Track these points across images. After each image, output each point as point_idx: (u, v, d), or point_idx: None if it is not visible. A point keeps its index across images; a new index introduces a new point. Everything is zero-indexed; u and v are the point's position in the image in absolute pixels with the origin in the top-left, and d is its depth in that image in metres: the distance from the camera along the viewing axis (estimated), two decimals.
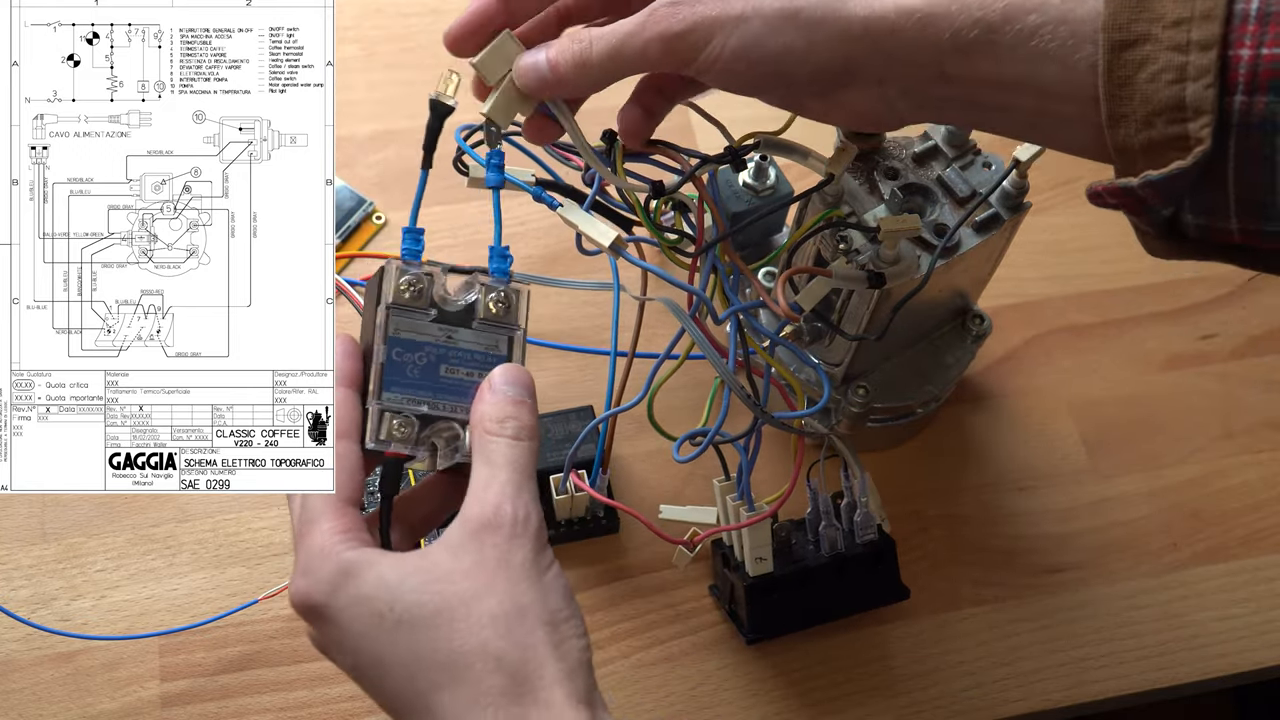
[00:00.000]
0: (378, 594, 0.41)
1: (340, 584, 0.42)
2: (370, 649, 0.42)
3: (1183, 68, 0.38)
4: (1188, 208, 0.40)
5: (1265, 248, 0.41)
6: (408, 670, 0.41)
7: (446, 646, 0.41)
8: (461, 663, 0.40)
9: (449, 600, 0.41)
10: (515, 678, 0.40)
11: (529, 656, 0.41)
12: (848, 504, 0.60)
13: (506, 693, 0.40)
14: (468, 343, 0.47)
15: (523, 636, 0.41)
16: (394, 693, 0.42)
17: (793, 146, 0.56)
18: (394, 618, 0.41)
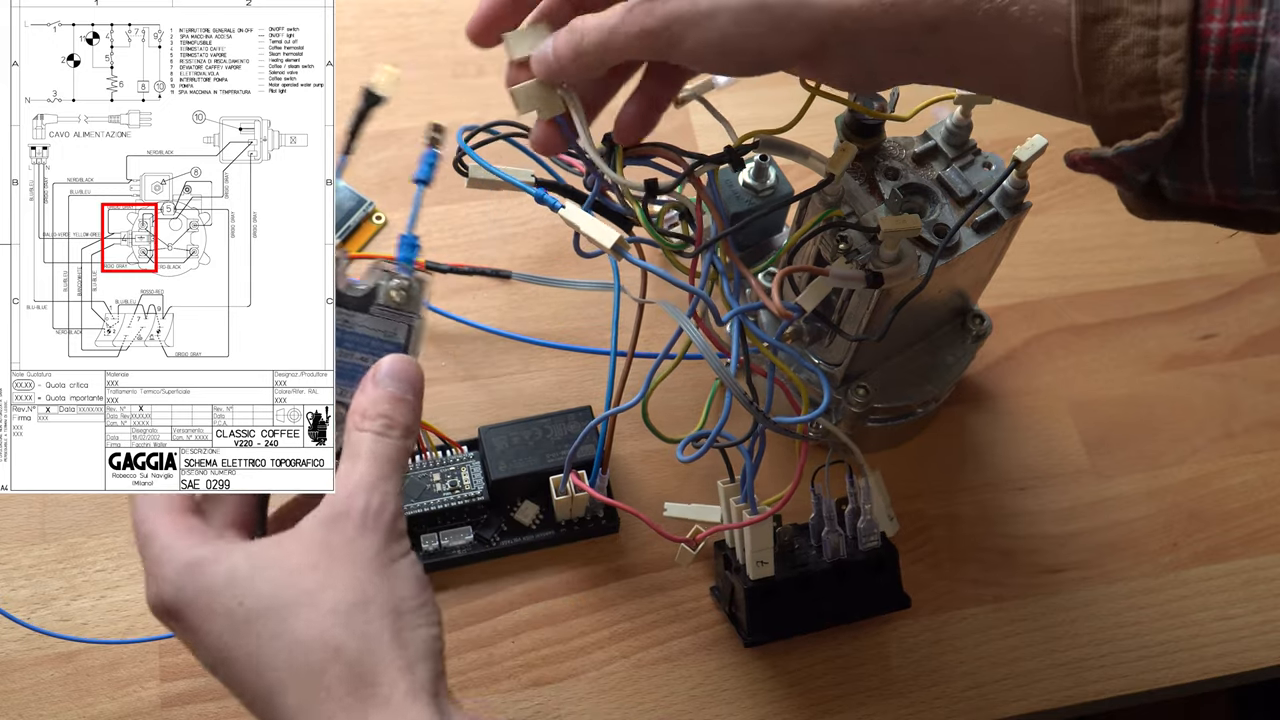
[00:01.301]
0: (228, 589, 0.41)
1: (187, 581, 0.42)
2: (220, 646, 0.41)
3: (1154, 42, 0.39)
4: (1164, 174, 0.41)
5: (1242, 209, 0.42)
6: (255, 666, 0.41)
7: (289, 640, 0.40)
8: (301, 656, 0.40)
9: (295, 592, 0.41)
10: (354, 669, 0.40)
11: (370, 647, 0.40)
12: (851, 510, 0.60)
13: (346, 684, 0.40)
14: (364, 328, 0.47)
15: (363, 626, 0.41)
16: (247, 691, 0.42)
17: (792, 146, 0.56)
18: (243, 613, 0.41)
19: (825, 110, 0.55)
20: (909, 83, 0.47)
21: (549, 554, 0.64)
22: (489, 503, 0.63)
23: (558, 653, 0.62)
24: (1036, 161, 0.56)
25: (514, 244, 0.73)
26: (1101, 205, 0.78)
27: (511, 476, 0.63)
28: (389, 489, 0.43)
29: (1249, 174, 0.40)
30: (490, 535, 0.63)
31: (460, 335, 0.69)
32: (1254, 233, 0.43)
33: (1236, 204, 0.42)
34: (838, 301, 0.59)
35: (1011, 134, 0.63)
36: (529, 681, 0.61)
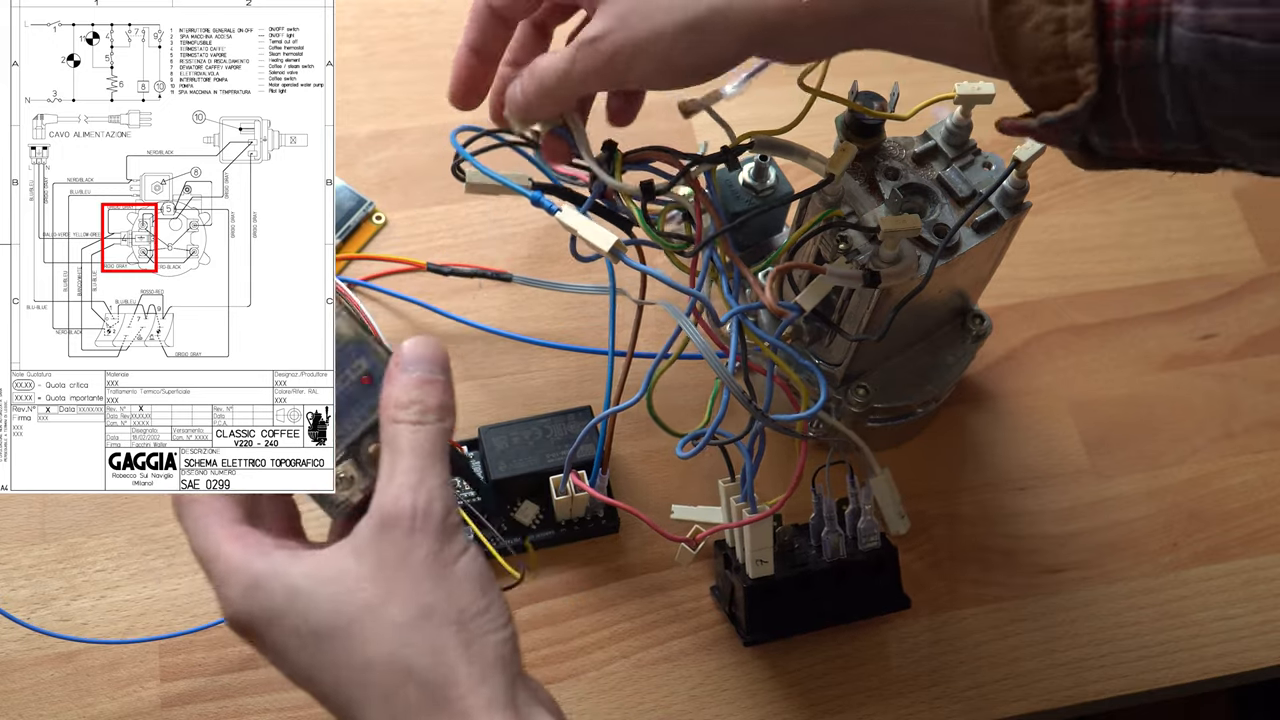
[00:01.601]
0: (291, 608, 0.41)
1: (252, 603, 0.41)
2: (298, 664, 0.41)
3: (1061, 20, 0.41)
4: (1093, 133, 0.43)
5: (1171, 160, 0.44)
6: (333, 684, 0.40)
7: (361, 659, 0.40)
8: (374, 677, 0.40)
9: (357, 610, 0.40)
10: (428, 688, 0.39)
11: (440, 661, 0.40)
12: (852, 510, 0.60)
13: (422, 704, 0.39)
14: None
15: (430, 641, 0.40)
16: (332, 706, 0.41)
17: (791, 147, 0.56)
18: (309, 632, 0.40)
19: (825, 110, 0.55)
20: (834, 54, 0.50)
21: (549, 554, 0.64)
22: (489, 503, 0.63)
23: (558, 653, 0.62)
24: (1036, 161, 0.56)
25: (514, 244, 0.73)
26: (1102, 205, 0.78)
27: (511, 476, 0.63)
28: (434, 483, 0.42)
29: (1170, 130, 0.42)
30: (490, 535, 0.63)
31: (460, 335, 0.69)
32: (1192, 174, 0.45)
33: (1163, 156, 0.43)
34: (838, 301, 0.59)
35: None
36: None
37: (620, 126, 0.54)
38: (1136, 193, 0.79)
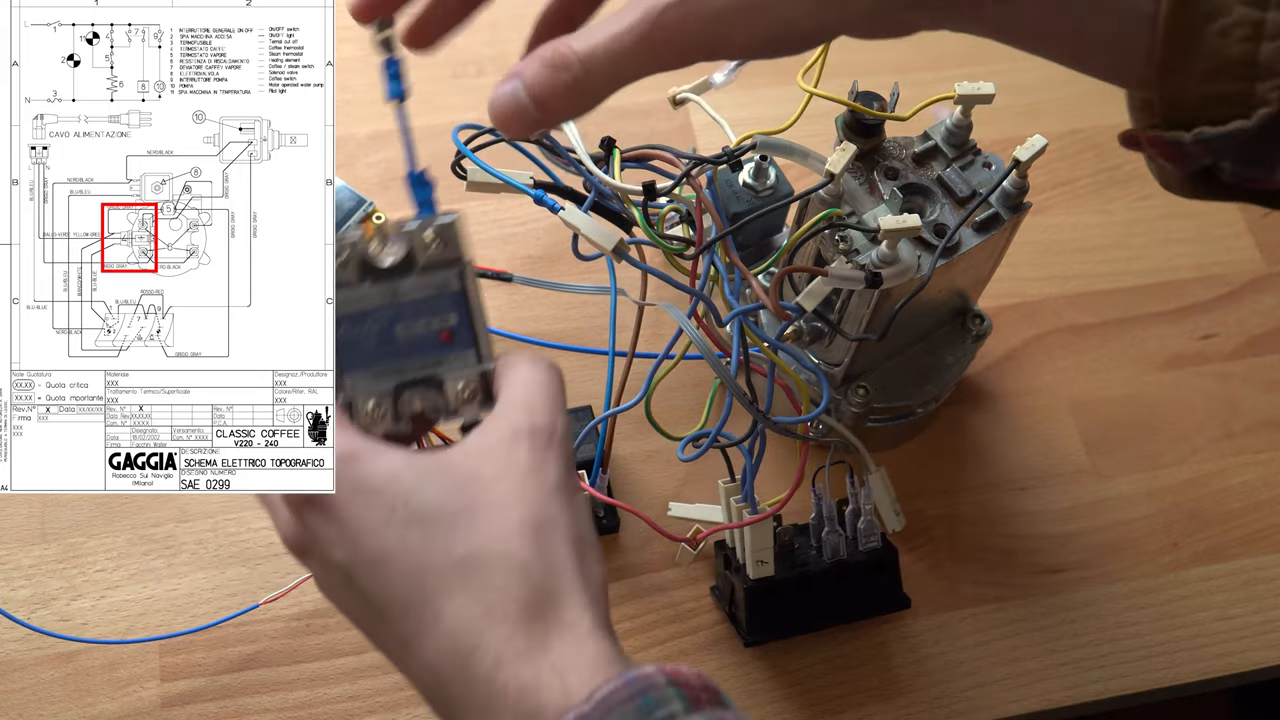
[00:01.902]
0: (389, 487, 0.38)
1: (341, 472, 0.39)
2: (373, 545, 0.38)
3: (1258, 25, 0.37)
4: (1230, 158, 0.39)
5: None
6: (415, 570, 0.38)
7: (465, 549, 0.37)
8: (481, 567, 0.37)
9: (475, 502, 0.38)
10: (539, 591, 0.37)
11: (555, 570, 0.38)
12: (852, 510, 0.60)
13: (528, 607, 0.37)
14: (415, 293, 0.44)
15: (550, 548, 0.38)
16: (390, 597, 0.38)
17: (792, 147, 0.56)
18: (406, 513, 0.38)
19: (825, 110, 0.55)
20: (954, 30, 0.42)
21: None
22: None
23: None
24: (1036, 161, 0.56)
25: (514, 244, 0.73)
26: (1102, 205, 0.78)
27: None
28: (564, 417, 0.41)
29: None
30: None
31: None
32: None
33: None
34: (838, 301, 0.59)
35: (1011, 134, 0.63)
36: None
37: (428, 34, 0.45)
38: (1136, 193, 0.79)
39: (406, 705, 0.60)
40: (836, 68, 0.53)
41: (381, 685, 0.60)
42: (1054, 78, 0.64)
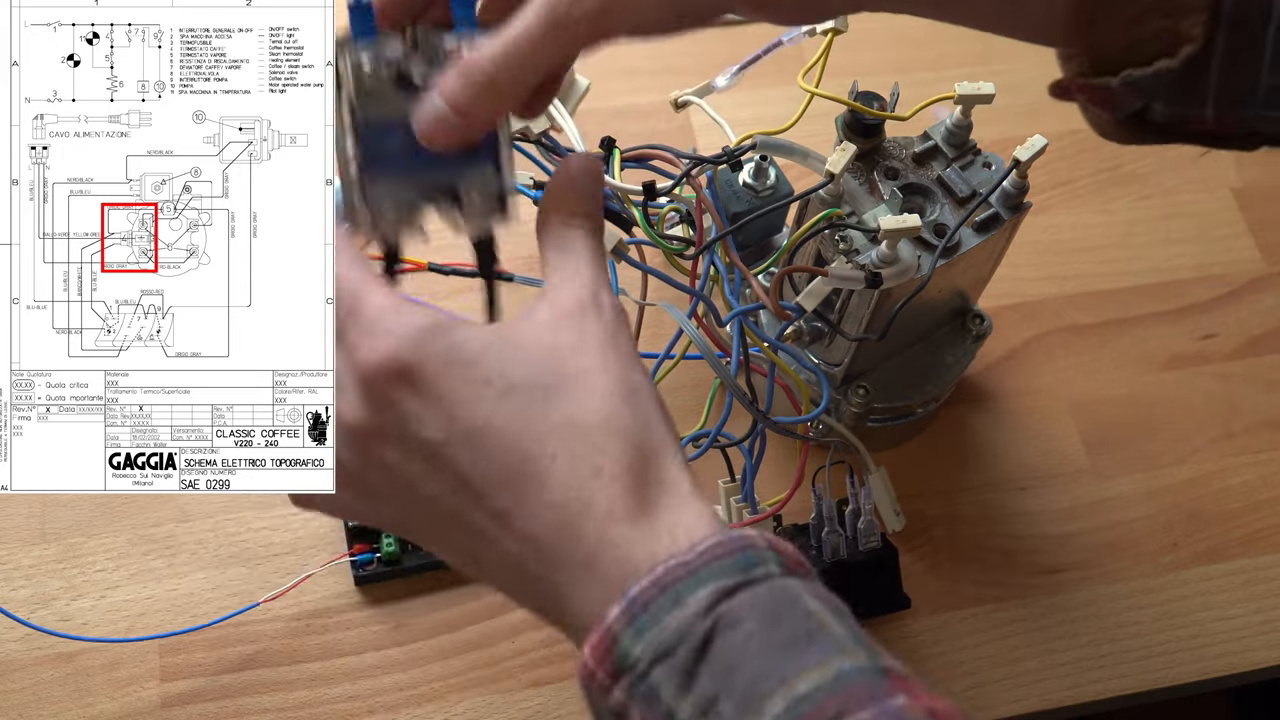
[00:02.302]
0: (482, 359, 0.38)
1: (432, 340, 0.38)
2: (469, 416, 0.37)
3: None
4: (1161, 99, 0.40)
5: (1235, 132, 0.41)
6: (515, 439, 0.37)
7: (564, 416, 0.38)
8: (583, 432, 0.37)
9: (566, 371, 0.38)
10: (641, 453, 0.38)
11: (652, 432, 0.38)
12: (852, 510, 0.60)
13: (632, 467, 0.37)
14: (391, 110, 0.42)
15: (643, 413, 0.38)
16: (489, 470, 0.38)
17: (791, 147, 0.56)
18: (503, 384, 0.38)
19: (825, 110, 0.55)
20: (867, 10, 0.44)
21: None
22: None
23: (558, 653, 0.62)
24: (1036, 161, 0.56)
25: (513, 244, 0.73)
26: (1102, 205, 0.78)
27: None
28: (614, 294, 0.41)
29: (1257, 96, 0.39)
30: None
31: None
32: (1233, 150, 0.43)
33: (1234, 127, 0.41)
34: (838, 301, 0.59)
35: (1011, 134, 0.63)
36: (529, 681, 0.61)
37: (532, 117, 0.47)
38: (1136, 193, 0.79)
39: (406, 705, 0.60)
40: (837, 68, 0.53)
41: (381, 685, 0.60)
42: (1054, 78, 0.64)
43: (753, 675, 0.34)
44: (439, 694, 0.60)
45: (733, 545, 0.36)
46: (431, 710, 0.60)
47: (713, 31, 0.81)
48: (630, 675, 0.36)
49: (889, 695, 0.34)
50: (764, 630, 0.35)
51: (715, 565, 0.36)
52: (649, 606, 0.36)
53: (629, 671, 0.36)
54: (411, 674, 0.61)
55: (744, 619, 0.35)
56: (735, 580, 0.36)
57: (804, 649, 0.35)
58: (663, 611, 0.35)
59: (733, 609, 0.35)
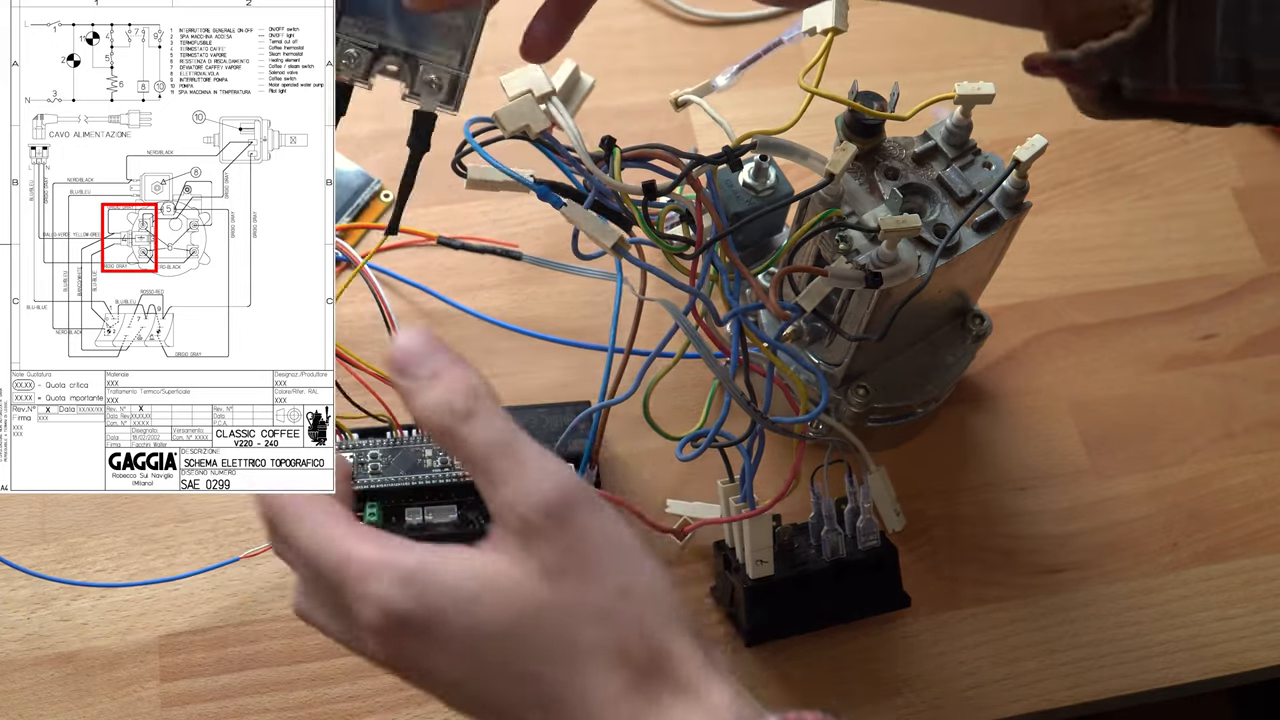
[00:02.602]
0: (457, 608, 0.38)
1: (421, 588, 0.38)
2: (476, 660, 0.38)
3: None
4: (1126, 73, 0.41)
5: (1201, 104, 0.42)
6: (520, 677, 0.38)
7: (563, 650, 0.38)
8: (584, 664, 0.38)
9: (546, 605, 0.38)
10: (645, 664, 0.38)
11: (650, 637, 0.38)
12: (851, 509, 0.60)
13: (640, 682, 0.38)
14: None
15: (637, 619, 0.38)
16: (509, 702, 0.38)
17: (792, 147, 0.56)
18: (485, 631, 0.38)
19: (825, 110, 0.55)
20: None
21: None
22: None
23: None
24: (1036, 161, 0.56)
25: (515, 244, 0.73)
26: (1102, 205, 0.78)
27: None
28: (551, 462, 0.40)
29: (1214, 70, 0.40)
30: (475, 516, 0.62)
31: (463, 334, 0.69)
32: (1207, 126, 0.44)
33: (1199, 99, 0.41)
34: (838, 301, 0.59)
35: (1011, 134, 0.63)
36: None
37: (537, 60, 0.50)
38: (1136, 193, 0.79)
39: (406, 705, 0.60)
40: (837, 68, 0.53)
41: (381, 685, 0.60)
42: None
43: None
44: None
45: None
46: (431, 710, 0.60)
47: (713, 31, 0.81)
48: None
49: None
50: None
51: None
52: None
53: None
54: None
55: None
56: None
57: None
58: None
59: None
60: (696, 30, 0.80)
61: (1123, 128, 0.81)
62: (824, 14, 0.53)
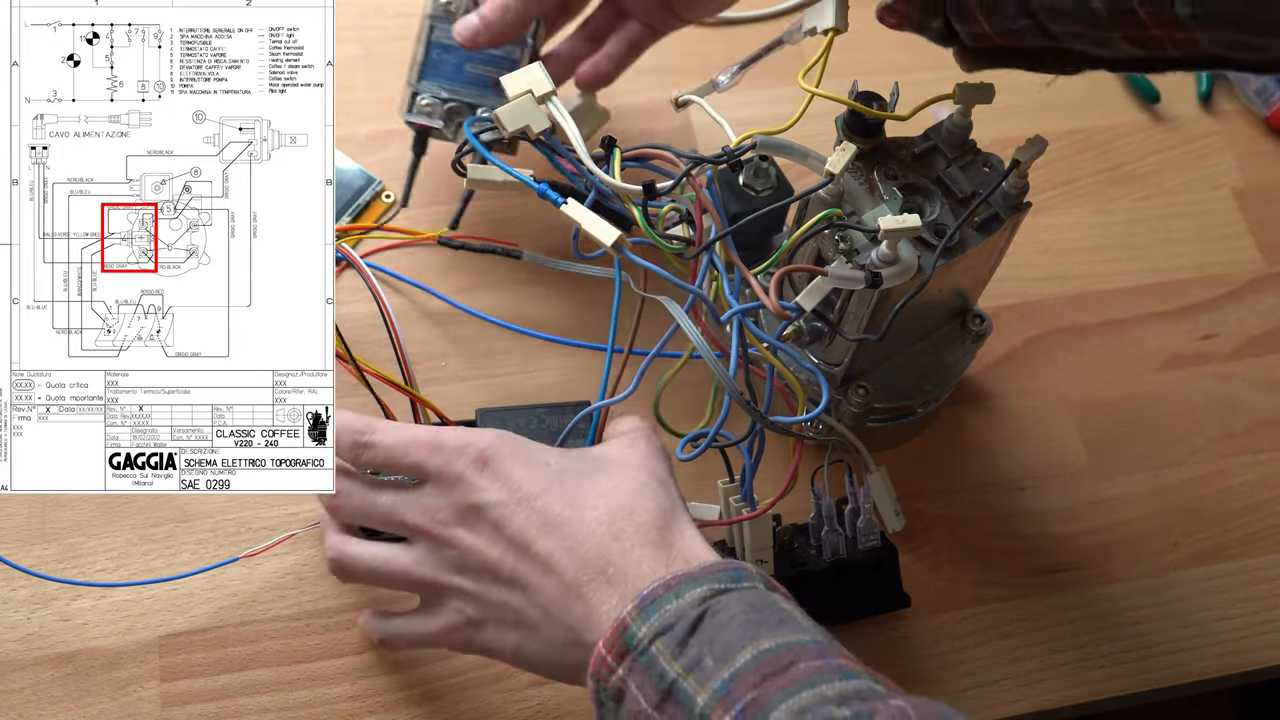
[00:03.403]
0: (544, 453, 0.51)
1: (503, 440, 0.50)
2: (527, 487, 0.49)
3: None
4: (952, 18, 0.48)
5: (1028, 46, 0.49)
6: (562, 499, 0.49)
7: (609, 484, 0.50)
8: (622, 496, 0.49)
9: (611, 464, 0.51)
10: (663, 514, 0.49)
11: (674, 504, 0.51)
12: (851, 510, 0.60)
13: (656, 521, 0.49)
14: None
15: (670, 495, 0.51)
16: (537, 520, 0.49)
17: (792, 147, 0.56)
18: (559, 467, 0.50)
19: (825, 110, 0.55)
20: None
21: None
22: None
23: None
24: (1036, 161, 0.56)
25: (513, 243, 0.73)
26: (1102, 205, 0.78)
27: None
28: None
29: (1005, 8, 0.47)
30: None
31: (463, 334, 0.69)
32: (1064, 75, 0.50)
33: (1014, 40, 0.48)
34: (838, 302, 0.59)
35: (1011, 134, 0.63)
36: (529, 681, 0.61)
37: (594, 87, 0.65)
38: (1136, 193, 0.79)
39: (406, 705, 0.60)
40: (837, 68, 0.53)
41: (381, 685, 0.60)
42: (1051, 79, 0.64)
43: (731, 639, 0.43)
44: (439, 694, 0.60)
45: (728, 565, 0.47)
46: (431, 710, 0.60)
47: (714, 31, 0.81)
48: (633, 652, 0.45)
49: (838, 656, 0.43)
50: (744, 614, 0.44)
51: (712, 575, 0.46)
52: (655, 600, 0.45)
53: (632, 650, 0.45)
54: (411, 674, 0.61)
55: (729, 606, 0.45)
56: (726, 585, 0.46)
57: (774, 627, 0.44)
58: (665, 602, 0.45)
59: (721, 601, 0.45)
60: (698, 30, 0.80)
61: (1123, 128, 0.81)
62: (824, 14, 0.53)
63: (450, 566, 0.51)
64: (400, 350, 0.61)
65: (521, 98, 0.50)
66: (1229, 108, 0.82)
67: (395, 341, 0.59)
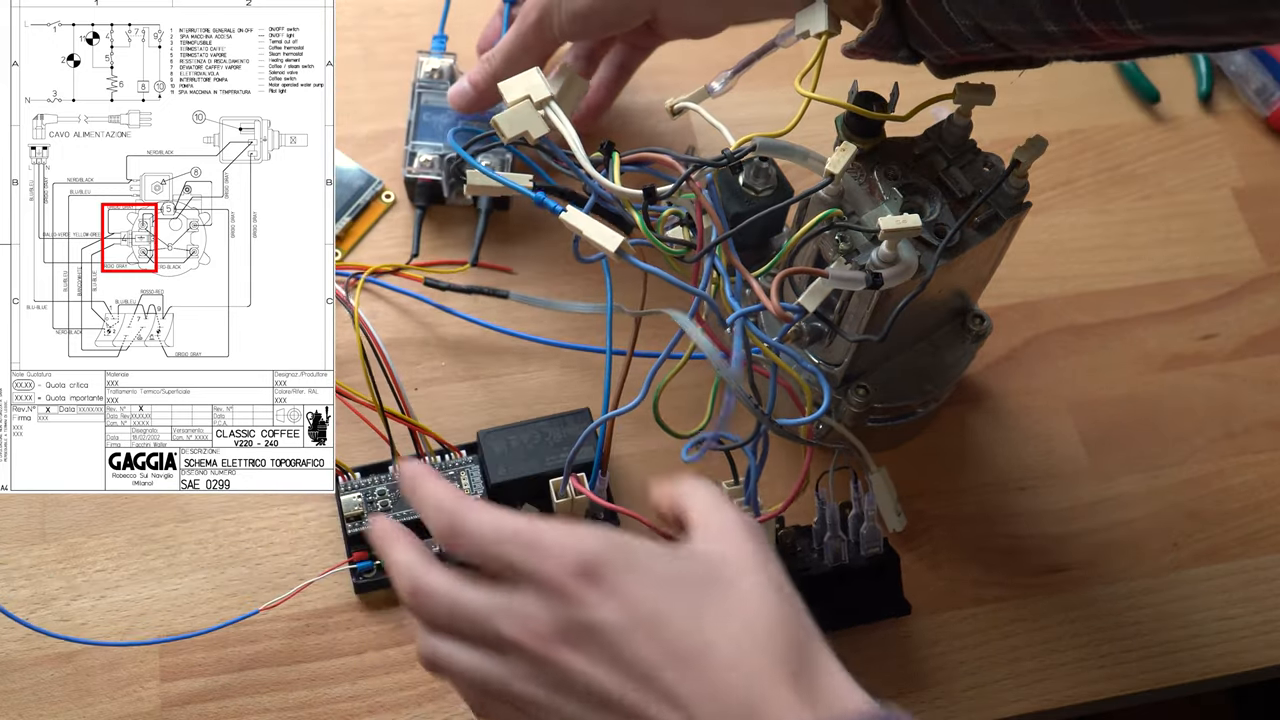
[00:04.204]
0: (652, 556, 0.43)
1: (612, 545, 0.43)
2: (649, 605, 0.42)
3: None
4: (915, 45, 0.50)
5: (990, 59, 0.51)
6: (686, 623, 0.42)
7: (731, 604, 0.43)
8: (748, 619, 0.42)
9: (727, 571, 0.44)
10: (796, 636, 0.43)
11: (803, 621, 0.44)
12: (855, 515, 0.60)
13: (790, 649, 0.43)
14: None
15: (795, 606, 0.45)
16: (663, 649, 0.42)
17: (791, 148, 0.56)
18: (677, 581, 0.43)
19: (825, 110, 0.55)
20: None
21: None
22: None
23: None
24: (1036, 161, 0.56)
25: (513, 245, 0.73)
26: (1102, 205, 0.78)
27: (511, 480, 0.62)
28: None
29: (964, 35, 0.48)
30: None
31: (461, 336, 0.69)
32: (1030, 69, 0.52)
33: (977, 56, 0.50)
34: (838, 302, 0.59)
35: (1011, 134, 0.63)
36: None
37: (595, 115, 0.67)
38: (1136, 193, 0.79)
39: (406, 705, 0.60)
40: (837, 68, 0.53)
41: (381, 685, 0.60)
42: (1055, 78, 0.64)
43: None
44: (439, 694, 0.60)
45: (879, 714, 0.43)
46: (431, 710, 0.60)
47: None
48: None
49: None
50: None
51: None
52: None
53: None
54: (411, 674, 0.61)
55: None
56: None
57: None
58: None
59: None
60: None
61: (1123, 128, 0.81)
62: (816, 18, 0.54)
63: (549, 685, 0.44)
64: (394, 380, 0.62)
65: (520, 104, 0.50)
66: (1229, 108, 0.82)
67: (387, 371, 0.61)
